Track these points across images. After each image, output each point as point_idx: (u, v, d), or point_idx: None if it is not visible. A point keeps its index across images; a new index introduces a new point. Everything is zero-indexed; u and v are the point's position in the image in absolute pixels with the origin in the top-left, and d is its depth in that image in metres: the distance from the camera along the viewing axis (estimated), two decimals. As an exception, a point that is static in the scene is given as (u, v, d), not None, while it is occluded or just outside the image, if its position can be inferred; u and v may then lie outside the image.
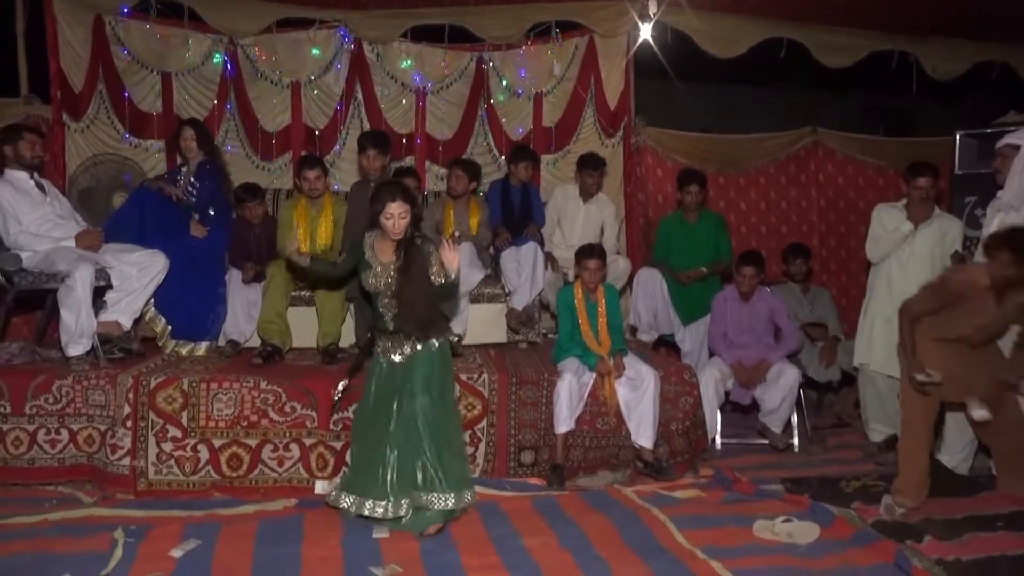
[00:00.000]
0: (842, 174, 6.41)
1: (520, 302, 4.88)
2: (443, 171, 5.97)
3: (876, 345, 4.39)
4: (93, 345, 4.09)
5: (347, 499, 3.40)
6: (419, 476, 3.33)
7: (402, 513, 3.30)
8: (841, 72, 6.20)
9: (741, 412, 5.01)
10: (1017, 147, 3.82)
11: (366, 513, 3.31)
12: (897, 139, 6.82)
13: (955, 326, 3.50)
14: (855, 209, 6.28)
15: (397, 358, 3.45)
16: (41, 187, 4.36)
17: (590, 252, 4.27)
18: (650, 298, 5.12)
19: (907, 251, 4.32)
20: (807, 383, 5.03)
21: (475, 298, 4.88)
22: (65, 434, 3.87)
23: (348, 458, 3.87)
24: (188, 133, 4.78)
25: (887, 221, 4.36)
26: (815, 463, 4.38)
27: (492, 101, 6.07)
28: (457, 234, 4.94)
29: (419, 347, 3.43)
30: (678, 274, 5.03)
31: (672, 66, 5.97)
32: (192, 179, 4.67)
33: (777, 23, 5.86)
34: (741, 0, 5.65)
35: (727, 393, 4.69)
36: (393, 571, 2.99)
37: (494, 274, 5.08)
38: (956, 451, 4.08)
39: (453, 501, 3.35)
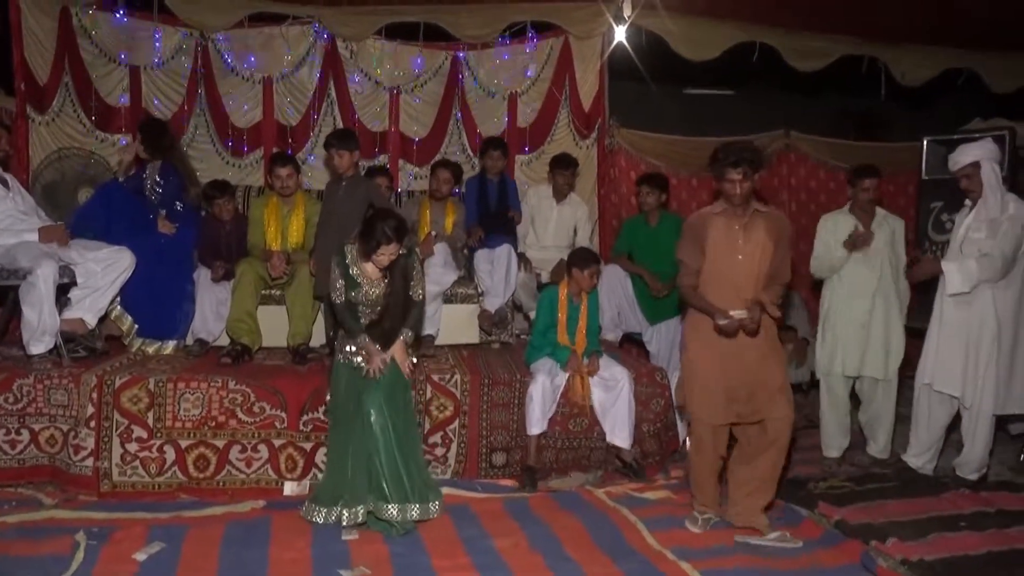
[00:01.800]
0: (814, 178, 6.48)
1: (493, 304, 4.86)
2: (416, 170, 5.95)
3: (845, 350, 4.33)
4: (56, 343, 4.01)
5: (335, 512, 3.33)
6: (407, 483, 3.33)
7: (415, 516, 3.30)
8: (814, 77, 6.27)
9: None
10: (977, 163, 3.84)
11: (384, 516, 3.26)
12: (867, 144, 6.91)
13: (715, 284, 3.36)
14: (826, 213, 6.34)
15: (364, 362, 3.44)
16: (3, 181, 4.25)
17: (594, 258, 4.23)
18: (612, 295, 5.11)
19: (862, 256, 4.24)
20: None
21: (448, 298, 4.87)
22: (26, 434, 3.78)
23: (319, 462, 3.84)
24: (137, 139, 4.69)
25: (844, 227, 4.32)
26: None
27: (467, 101, 6.04)
28: (433, 234, 4.92)
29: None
30: (653, 291, 5.01)
31: (646, 69, 6.00)
32: (157, 177, 4.60)
33: (750, 27, 5.92)
34: (715, 4, 5.69)
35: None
36: (362, 573, 2.96)
37: (467, 275, 5.06)
38: (921, 452, 4.14)
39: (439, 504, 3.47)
